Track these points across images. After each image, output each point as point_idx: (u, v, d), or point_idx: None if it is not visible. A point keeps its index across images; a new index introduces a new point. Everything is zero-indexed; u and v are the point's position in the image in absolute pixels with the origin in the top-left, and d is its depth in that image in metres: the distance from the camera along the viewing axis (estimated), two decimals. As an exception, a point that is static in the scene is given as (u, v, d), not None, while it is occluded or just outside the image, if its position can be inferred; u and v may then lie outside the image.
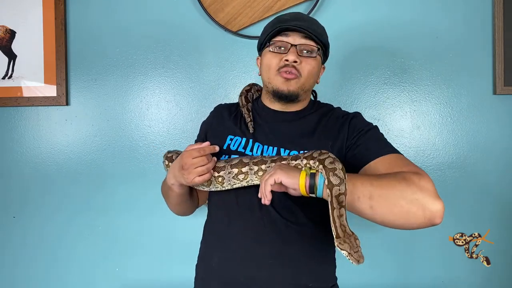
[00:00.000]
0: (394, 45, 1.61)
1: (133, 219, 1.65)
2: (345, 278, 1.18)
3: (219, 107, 1.26)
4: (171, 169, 1.07)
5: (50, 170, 1.67)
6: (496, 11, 1.58)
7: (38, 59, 1.65)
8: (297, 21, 1.03)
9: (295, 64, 1.02)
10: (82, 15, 1.66)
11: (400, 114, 1.63)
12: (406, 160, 0.94)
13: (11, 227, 1.68)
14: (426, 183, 0.83)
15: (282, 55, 1.03)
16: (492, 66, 1.60)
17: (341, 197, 0.81)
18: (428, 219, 0.82)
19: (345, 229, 0.82)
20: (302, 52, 1.03)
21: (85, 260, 1.67)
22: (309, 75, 1.05)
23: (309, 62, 1.03)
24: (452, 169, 1.62)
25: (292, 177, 0.85)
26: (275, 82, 1.05)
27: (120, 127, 1.67)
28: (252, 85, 1.29)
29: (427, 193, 0.82)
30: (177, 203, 1.17)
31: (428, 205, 0.81)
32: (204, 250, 1.12)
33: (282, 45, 1.03)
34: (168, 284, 1.65)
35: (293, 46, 1.02)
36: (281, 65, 1.03)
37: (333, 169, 0.83)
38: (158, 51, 1.65)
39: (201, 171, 0.97)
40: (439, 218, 0.83)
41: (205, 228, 1.15)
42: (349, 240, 0.81)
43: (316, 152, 0.90)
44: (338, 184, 0.81)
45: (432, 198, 0.82)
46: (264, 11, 1.60)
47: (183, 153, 1.00)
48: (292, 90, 1.04)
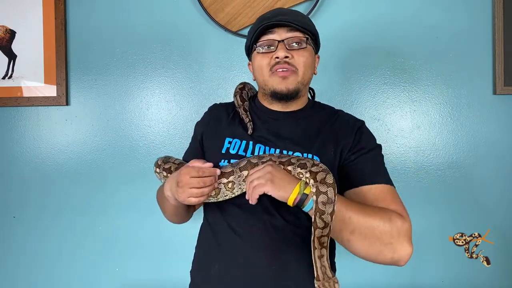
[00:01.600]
0: (394, 45, 1.61)
1: (133, 219, 1.65)
2: (345, 278, 1.18)
3: (215, 108, 1.20)
4: (169, 180, 1.00)
5: (50, 170, 1.67)
6: (496, 11, 1.58)
7: (38, 59, 1.65)
8: (279, 16, 1.00)
9: (287, 60, 0.98)
10: (82, 15, 1.66)
11: (400, 114, 1.63)
12: (395, 195, 0.96)
13: (11, 227, 1.68)
14: (406, 229, 0.88)
15: (271, 53, 0.99)
16: (492, 66, 1.60)
17: (323, 239, 0.83)
18: (395, 261, 0.88)
19: (325, 271, 0.83)
20: (291, 46, 0.99)
21: (85, 260, 1.67)
22: (306, 67, 1.00)
23: (301, 54, 0.99)
24: (452, 169, 1.62)
25: (283, 191, 0.86)
26: (271, 83, 1.01)
27: (120, 127, 1.67)
28: (245, 83, 1.24)
29: (403, 239, 0.87)
30: (173, 214, 1.10)
31: (399, 251, 0.87)
32: (202, 256, 1.06)
33: (269, 43, 1.00)
34: (168, 284, 1.65)
35: (281, 42, 0.98)
36: (273, 64, 0.99)
37: (323, 184, 0.84)
38: (158, 51, 1.65)
39: (195, 193, 0.90)
40: (403, 262, 0.89)
41: (201, 232, 1.09)
42: (328, 283, 0.83)
43: (310, 162, 0.89)
44: (323, 213, 0.83)
45: (405, 244, 0.87)
46: (264, 11, 1.60)
47: (182, 168, 0.93)
48: (292, 89, 1.00)
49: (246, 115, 1.09)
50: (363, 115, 1.62)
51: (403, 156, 1.62)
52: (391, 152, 1.63)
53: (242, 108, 1.11)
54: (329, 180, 0.85)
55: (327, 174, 0.86)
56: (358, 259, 0.93)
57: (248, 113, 1.09)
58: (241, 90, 1.18)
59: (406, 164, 1.62)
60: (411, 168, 1.62)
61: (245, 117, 1.09)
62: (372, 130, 1.61)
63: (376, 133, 1.62)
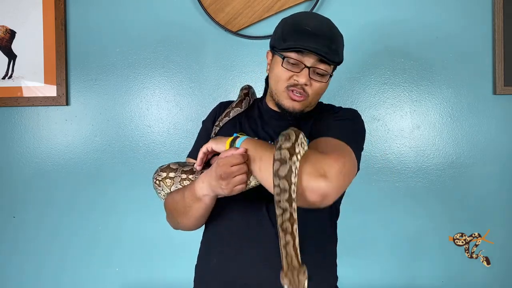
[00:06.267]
0: (394, 45, 1.61)
1: (133, 219, 1.65)
2: (345, 278, 1.17)
3: (221, 105, 1.22)
4: (205, 179, 0.96)
5: (50, 170, 1.67)
6: (496, 11, 1.58)
7: (38, 59, 1.65)
8: (317, 38, 0.98)
9: (305, 87, 1.00)
10: (82, 15, 1.66)
11: (400, 114, 1.63)
12: (339, 146, 0.93)
13: (11, 227, 1.68)
14: (322, 160, 0.84)
15: (293, 73, 1.00)
16: (492, 66, 1.60)
17: (285, 224, 0.79)
18: (302, 191, 0.82)
19: (291, 261, 0.77)
20: (314, 75, 1.00)
21: (85, 260, 1.66)
22: (316, 95, 1.04)
23: (318, 85, 1.02)
24: (452, 169, 1.62)
25: (220, 144, 0.95)
26: (282, 97, 1.03)
27: (120, 127, 1.67)
28: (249, 88, 1.24)
29: (313, 168, 0.82)
30: (200, 215, 1.04)
31: (305, 179, 0.82)
32: (204, 250, 1.11)
33: (296, 63, 0.99)
34: (168, 284, 1.65)
35: (307, 68, 0.98)
36: (291, 84, 1.00)
37: (281, 135, 0.84)
38: (158, 51, 1.65)
39: (239, 180, 0.89)
40: (311, 194, 0.82)
41: (205, 227, 1.13)
42: (291, 274, 0.76)
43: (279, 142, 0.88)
44: (279, 193, 0.79)
45: (316, 174, 0.82)
46: (264, 11, 1.60)
47: (218, 161, 0.91)
48: (297, 110, 1.02)
49: (222, 118, 1.14)
50: (363, 115, 1.60)
51: (403, 156, 1.62)
52: (391, 152, 1.63)
53: (232, 111, 1.15)
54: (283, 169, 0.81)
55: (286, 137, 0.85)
56: (358, 259, 0.93)
57: (228, 118, 1.14)
58: (245, 95, 1.20)
59: (406, 164, 1.62)
60: (411, 168, 1.62)
61: (221, 117, 1.14)
62: (372, 130, 1.63)
63: (376, 133, 1.63)
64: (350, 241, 1.33)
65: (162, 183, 1.08)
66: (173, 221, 1.11)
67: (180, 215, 1.06)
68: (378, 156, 1.62)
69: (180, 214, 1.05)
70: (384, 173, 1.62)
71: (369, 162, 1.59)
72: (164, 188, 1.08)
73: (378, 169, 1.62)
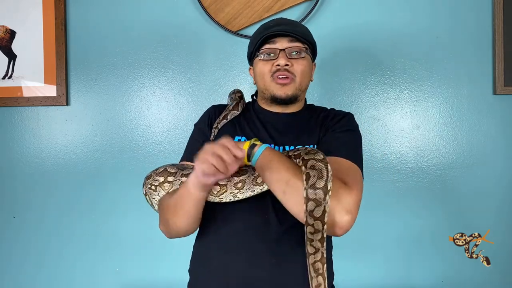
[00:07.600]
0: (394, 45, 1.61)
1: (133, 219, 1.65)
2: (345, 278, 1.18)
3: (215, 108, 1.20)
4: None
5: (50, 170, 1.67)
6: (496, 11, 1.58)
7: (38, 59, 1.65)
8: (281, 25, 1.09)
9: (287, 67, 1.06)
10: (82, 15, 1.66)
11: (400, 114, 1.63)
12: (353, 171, 0.96)
13: (11, 227, 1.68)
14: (348, 197, 0.88)
15: (273, 61, 1.07)
16: (492, 66, 1.60)
17: (317, 265, 0.84)
18: (330, 226, 0.87)
19: None
20: (291, 55, 1.07)
21: (85, 260, 1.66)
22: (303, 75, 1.09)
23: (300, 63, 1.08)
24: (452, 169, 1.62)
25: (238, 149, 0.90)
26: (271, 88, 1.08)
27: (120, 127, 1.67)
28: (241, 93, 1.25)
29: (342, 206, 0.87)
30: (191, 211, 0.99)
31: (336, 216, 0.87)
32: (200, 252, 1.08)
33: (271, 51, 1.08)
34: (168, 284, 1.64)
35: (282, 51, 1.06)
36: (274, 70, 1.07)
37: (311, 167, 0.84)
38: (158, 51, 1.65)
39: (209, 169, 0.83)
40: (340, 230, 0.88)
41: (201, 233, 1.09)
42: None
43: (304, 151, 0.90)
44: (312, 232, 0.83)
45: (344, 211, 0.87)
46: (264, 11, 1.60)
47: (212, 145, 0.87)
48: (290, 94, 1.08)
49: (220, 120, 1.14)
50: (363, 115, 1.62)
51: (403, 156, 1.62)
52: (391, 152, 1.63)
53: (229, 113, 1.16)
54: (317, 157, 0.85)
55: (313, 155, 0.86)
56: (357, 259, 0.94)
57: (225, 120, 1.15)
58: (240, 98, 1.22)
59: (406, 164, 1.62)
60: (411, 168, 1.62)
61: (219, 120, 1.14)
62: (372, 130, 1.63)
63: (376, 133, 1.63)
64: (350, 241, 1.33)
65: (159, 188, 1.03)
66: (165, 224, 1.06)
67: (171, 213, 1.02)
68: (378, 156, 1.62)
69: (171, 212, 1.01)
70: (384, 173, 1.62)
71: (369, 162, 1.59)
72: (160, 193, 1.04)
73: (378, 169, 1.62)
